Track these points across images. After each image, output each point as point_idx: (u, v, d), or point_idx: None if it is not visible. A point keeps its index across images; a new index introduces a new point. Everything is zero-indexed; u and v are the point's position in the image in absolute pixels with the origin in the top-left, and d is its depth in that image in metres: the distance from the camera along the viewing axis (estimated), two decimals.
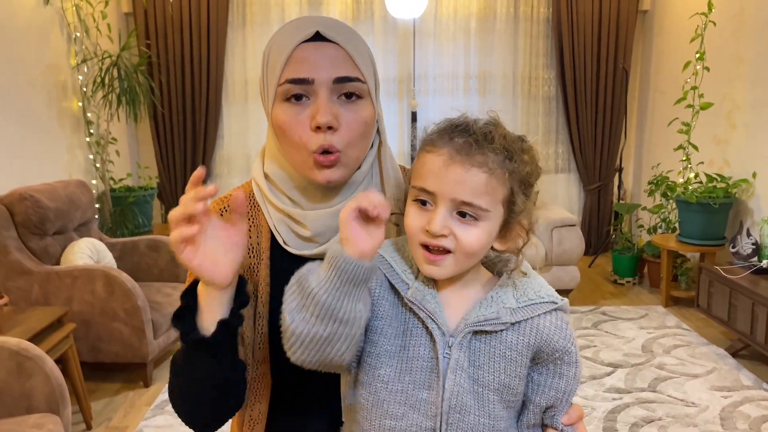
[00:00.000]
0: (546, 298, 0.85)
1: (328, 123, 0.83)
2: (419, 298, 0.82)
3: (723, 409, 2.66)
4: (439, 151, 0.78)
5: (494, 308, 0.82)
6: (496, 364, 0.82)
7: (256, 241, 0.94)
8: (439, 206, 0.78)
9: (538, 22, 4.98)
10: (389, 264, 0.85)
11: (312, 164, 0.86)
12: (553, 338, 0.83)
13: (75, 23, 3.97)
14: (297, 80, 0.83)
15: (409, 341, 0.82)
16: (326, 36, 0.85)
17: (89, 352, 2.86)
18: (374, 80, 0.90)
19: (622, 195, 5.11)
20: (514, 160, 0.78)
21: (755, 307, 2.92)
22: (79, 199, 3.20)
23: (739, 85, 3.78)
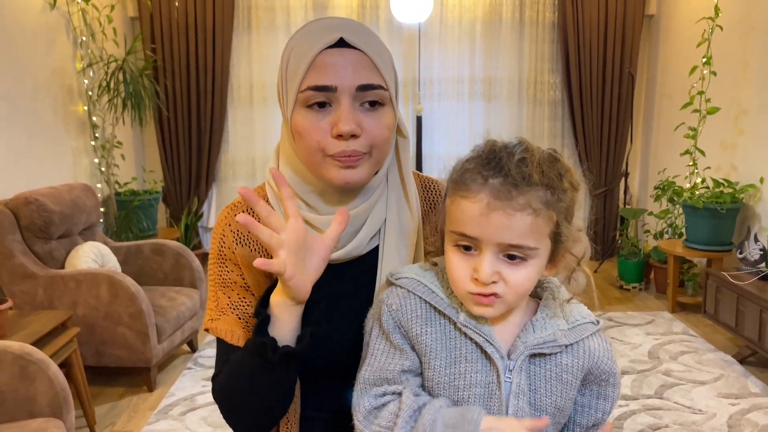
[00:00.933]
0: (588, 319, 0.84)
1: (351, 131, 0.81)
2: (473, 322, 0.79)
3: (731, 416, 2.63)
4: (476, 197, 0.74)
5: (549, 330, 0.80)
6: (552, 387, 0.80)
7: None
8: (485, 252, 0.75)
9: (543, 27, 4.97)
10: (430, 289, 0.82)
11: (330, 165, 0.85)
12: (603, 360, 0.83)
13: (81, 27, 3.98)
14: (320, 87, 0.82)
15: (464, 368, 0.79)
16: (350, 42, 0.83)
17: (93, 356, 2.86)
18: (395, 85, 0.89)
19: (628, 200, 5.08)
20: (556, 193, 0.75)
21: (763, 313, 2.89)
22: (84, 203, 3.20)
23: (746, 90, 3.76)
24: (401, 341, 0.81)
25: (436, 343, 0.79)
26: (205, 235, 5.20)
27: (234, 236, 0.93)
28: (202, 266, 3.45)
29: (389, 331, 0.81)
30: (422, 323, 0.80)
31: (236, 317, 0.92)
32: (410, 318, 0.80)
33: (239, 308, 0.92)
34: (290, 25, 4.89)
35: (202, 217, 5.07)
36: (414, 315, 0.80)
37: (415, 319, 0.80)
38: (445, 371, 0.79)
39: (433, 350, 0.79)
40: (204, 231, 5.19)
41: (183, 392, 2.91)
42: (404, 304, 0.81)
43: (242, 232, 0.93)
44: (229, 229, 0.94)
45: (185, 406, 2.77)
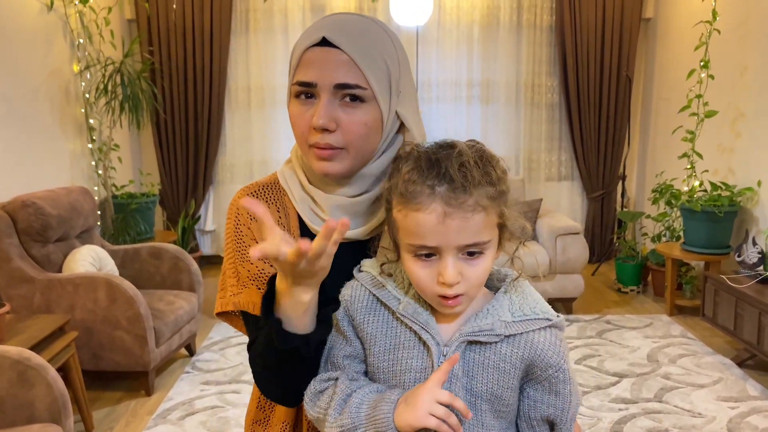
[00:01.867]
0: (541, 315, 0.86)
1: (322, 126, 0.87)
2: (410, 311, 0.85)
3: (730, 420, 2.64)
4: (428, 208, 0.77)
5: (489, 320, 0.84)
6: (488, 374, 0.84)
7: (286, 221, 0.99)
8: (446, 256, 0.79)
9: (541, 30, 4.98)
10: (378, 281, 0.88)
11: (312, 156, 0.91)
12: (547, 353, 0.84)
13: (78, 30, 3.97)
14: (303, 83, 0.89)
15: (401, 355, 0.85)
16: (332, 41, 0.88)
17: (90, 360, 2.84)
18: (387, 82, 0.91)
19: (625, 203, 5.09)
20: (496, 185, 0.80)
21: (762, 316, 2.90)
22: (82, 206, 3.19)
23: (743, 94, 3.77)
24: (347, 328, 0.88)
25: (377, 331, 0.86)
26: (202, 238, 5.18)
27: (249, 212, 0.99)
28: (200, 270, 3.43)
29: (339, 318, 0.89)
30: (365, 312, 0.87)
31: (256, 288, 0.96)
32: (356, 308, 0.88)
33: (259, 279, 0.96)
34: (288, 28, 4.88)
35: (199, 220, 5.05)
36: (360, 305, 0.87)
37: (360, 308, 0.87)
38: (384, 357, 0.86)
39: (373, 338, 0.86)
40: (201, 234, 5.17)
41: (181, 396, 2.89)
42: (354, 295, 0.89)
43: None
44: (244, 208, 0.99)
45: (184, 411, 2.76)
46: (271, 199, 1.00)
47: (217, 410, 2.76)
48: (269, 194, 1.01)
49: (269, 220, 0.77)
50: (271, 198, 1.00)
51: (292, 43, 4.90)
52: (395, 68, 0.92)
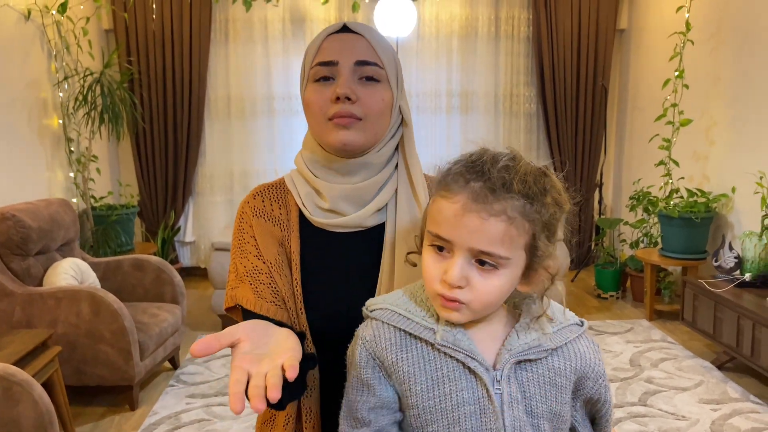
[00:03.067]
0: (572, 321, 0.84)
1: (346, 93, 0.94)
2: (450, 339, 0.78)
3: (713, 422, 2.69)
4: (454, 197, 0.75)
5: (534, 335, 0.80)
6: (546, 392, 0.79)
7: (285, 216, 1.04)
8: (456, 255, 0.75)
9: (518, 41, 5.06)
10: (404, 317, 0.81)
11: (331, 127, 0.96)
12: (594, 361, 0.83)
13: (56, 40, 3.92)
14: (324, 62, 0.96)
15: (448, 388, 0.78)
16: (352, 28, 0.98)
17: (73, 375, 2.78)
18: (395, 72, 1.00)
19: (602, 210, 5.18)
20: (536, 205, 0.74)
21: (740, 320, 2.97)
22: (62, 218, 3.14)
23: (717, 103, 3.88)
24: (371, 375, 0.80)
25: (414, 367, 0.78)
26: (182, 250, 5.13)
27: (252, 210, 1.05)
28: (183, 281, 3.40)
29: (361, 365, 0.81)
30: (397, 350, 0.79)
31: (249, 284, 0.98)
32: (384, 347, 0.80)
33: (252, 275, 0.99)
34: (268, 39, 4.88)
35: (179, 232, 5.00)
36: (388, 343, 0.80)
37: (390, 347, 0.79)
38: (428, 395, 0.78)
39: (411, 376, 0.78)
40: (181, 246, 5.12)
41: (166, 410, 2.85)
42: (378, 334, 0.81)
43: (258, 207, 1.05)
44: (248, 206, 1.06)
45: (170, 425, 2.72)
46: (275, 196, 1.06)
47: (204, 423, 2.73)
48: (273, 193, 1.07)
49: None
50: (275, 196, 1.06)
51: (272, 53, 4.90)
52: (399, 66, 1.03)
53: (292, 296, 0.99)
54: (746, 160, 3.57)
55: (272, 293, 0.97)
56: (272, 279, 0.97)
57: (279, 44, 4.90)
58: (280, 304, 0.96)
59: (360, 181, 1.00)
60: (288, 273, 1.00)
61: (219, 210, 5.09)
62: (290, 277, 1.00)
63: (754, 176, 3.39)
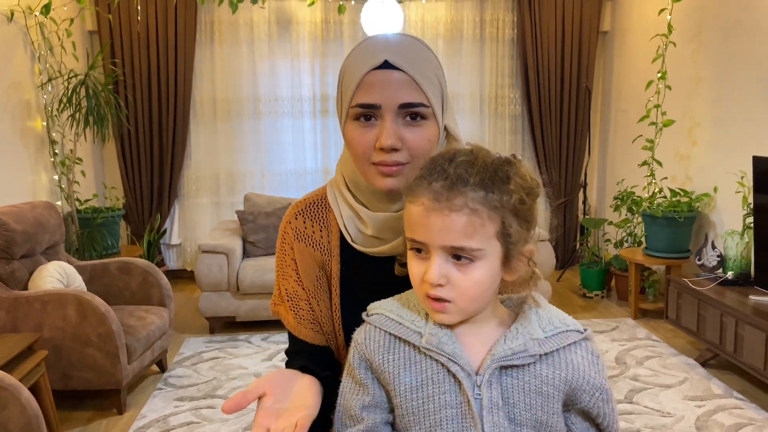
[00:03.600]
0: (571, 326, 0.83)
1: (391, 145, 0.90)
2: (435, 342, 0.79)
3: (698, 418, 2.73)
4: (418, 200, 0.77)
5: (520, 340, 0.79)
6: (531, 400, 0.78)
7: (327, 239, 1.04)
8: (433, 255, 0.77)
9: (503, 43, 5.10)
10: (395, 321, 0.84)
11: (375, 172, 0.93)
12: (590, 374, 0.80)
13: (39, 41, 3.88)
14: (366, 105, 0.91)
15: (431, 391, 0.79)
16: (394, 64, 0.90)
17: (60, 380, 2.76)
18: (441, 99, 0.95)
19: (587, 210, 5.23)
20: (497, 194, 0.76)
21: (723, 317, 3.01)
22: (47, 221, 3.11)
23: (699, 104, 3.94)
24: (364, 375, 0.83)
25: (399, 368, 0.80)
26: (168, 252, 5.10)
27: (294, 233, 1.06)
28: (170, 284, 3.38)
29: (354, 365, 0.84)
30: (384, 352, 0.82)
31: (290, 307, 1.05)
32: (373, 349, 0.83)
33: (293, 300, 1.05)
34: (253, 40, 4.87)
35: (164, 234, 4.97)
36: (376, 346, 0.83)
37: (377, 349, 0.82)
38: (412, 395, 0.79)
39: (396, 377, 0.80)
40: (167, 248, 5.09)
41: (155, 414, 2.84)
42: (368, 337, 0.84)
43: (300, 229, 1.05)
44: (290, 226, 1.06)
45: (158, 428, 2.71)
46: (315, 216, 1.06)
47: (193, 426, 2.72)
48: (314, 212, 1.06)
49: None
50: (316, 216, 1.06)
51: (257, 55, 4.89)
52: (444, 85, 0.96)
53: (330, 320, 1.04)
54: (728, 160, 3.63)
55: (310, 319, 1.04)
56: (310, 305, 1.04)
57: (265, 46, 4.89)
58: (317, 329, 1.04)
59: (400, 208, 0.97)
60: (326, 298, 1.04)
61: (205, 212, 5.07)
62: (329, 301, 1.04)
63: (735, 176, 3.44)
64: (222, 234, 4.12)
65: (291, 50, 4.91)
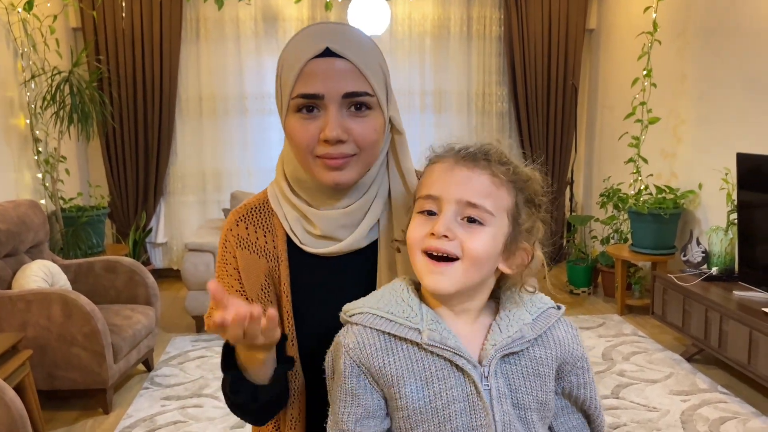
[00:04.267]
0: (549, 304, 0.86)
1: (337, 137, 0.86)
2: (437, 338, 0.78)
3: (683, 412, 2.75)
4: (444, 160, 0.82)
5: (515, 327, 0.81)
6: (531, 383, 0.80)
7: (272, 245, 0.98)
8: (445, 210, 0.78)
9: (490, 41, 5.11)
10: (387, 319, 0.80)
11: (320, 166, 0.89)
12: (573, 346, 0.84)
13: (22, 38, 3.83)
14: (308, 95, 0.86)
15: (438, 387, 0.77)
16: (336, 51, 0.86)
17: (45, 380, 2.73)
18: (385, 89, 0.92)
19: (573, 207, 5.26)
20: (517, 174, 0.81)
21: (708, 312, 3.04)
22: (31, 220, 3.08)
23: (683, 101, 3.97)
24: (355, 384, 0.79)
25: (402, 370, 0.78)
26: (153, 251, 5.06)
27: (236, 240, 0.99)
28: (156, 283, 3.35)
29: (346, 374, 0.80)
30: (383, 354, 0.78)
31: None
32: (370, 353, 0.78)
33: None
34: (239, 37, 4.84)
35: (150, 233, 4.93)
36: (373, 348, 0.78)
37: (375, 352, 0.78)
38: (418, 395, 0.77)
39: (400, 378, 0.78)
40: (153, 247, 5.05)
41: (141, 413, 2.82)
42: (360, 340, 0.79)
43: (243, 236, 0.98)
44: (232, 234, 0.99)
45: (145, 428, 2.69)
46: (258, 221, 0.99)
47: (180, 425, 2.70)
48: (257, 216, 0.99)
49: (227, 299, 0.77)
50: (259, 221, 0.99)
51: (244, 52, 4.86)
52: (386, 73, 0.93)
53: (281, 329, 0.96)
54: (712, 157, 3.66)
55: None
56: None
57: (251, 43, 4.86)
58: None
59: (350, 203, 0.94)
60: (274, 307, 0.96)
61: (191, 210, 5.04)
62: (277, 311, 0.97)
63: (719, 173, 3.47)
64: (208, 232, 4.10)
65: (277, 47, 4.89)
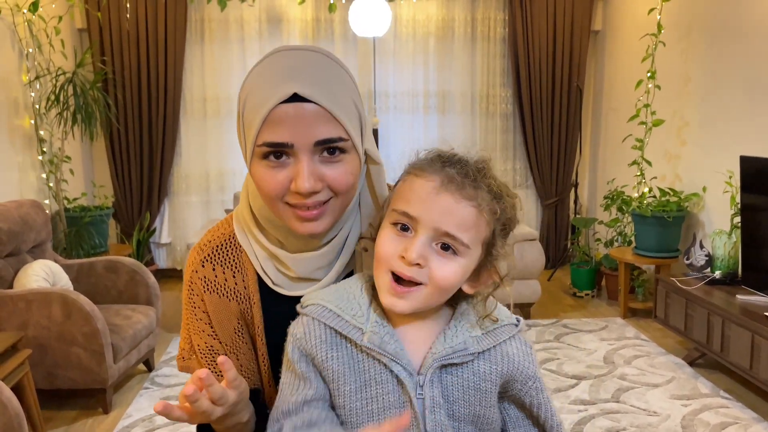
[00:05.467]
0: (506, 321, 0.83)
1: (311, 189, 0.79)
2: (377, 342, 0.76)
3: (684, 417, 2.73)
4: (430, 177, 0.76)
5: (460, 338, 0.79)
6: (469, 396, 0.79)
7: (242, 285, 0.92)
8: (420, 234, 0.74)
9: (494, 42, 5.10)
10: (335, 313, 0.79)
11: (292, 217, 0.82)
12: (524, 365, 0.81)
13: (27, 39, 3.86)
14: (276, 144, 0.78)
15: (374, 392, 0.77)
16: (305, 96, 0.77)
17: (45, 379, 2.74)
18: (359, 125, 0.84)
19: (578, 210, 5.23)
20: (502, 202, 0.77)
21: (710, 316, 3.02)
22: (34, 219, 3.09)
23: (688, 103, 3.94)
24: (306, 369, 0.79)
25: (344, 367, 0.77)
26: (157, 251, 5.08)
27: (203, 283, 0.93)
28: (157, 283, 3.36)
29: (294, 360, 0.79)
30: (327, 348, 0.78)
31: (205, 363, 0.95)
32: (314, 344, 0.78)
33: (207, 355, 0.94)
34: (244, 39, 4.86)
35: (154, 233, 4.95)
36: (318, 341, 0.78)
37: (320, 344, 0.78)
38: (355, 396, 0.77)
39: (341, 375, 0.77)
40: (156, 247, 5.07)
41: (141, 413, 2.82)
42: (308, 331, 0.79)
43: (210, 279, 0.93)
44: (197, 276, 0.94)
45: (144, 427, 2.69)
46: (226, 261, 0.93)
47: (179, 426, 2.70)
48: (223, 256, 0.93)
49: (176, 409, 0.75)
50: (226, 260, 0.93)
51: (248, 53, 4.87)
52: (360, 107, 0.85)
53: (255, 372, 0.95)
54: (716, 160, 3.63)
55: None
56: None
57: (255, 44, 4.87)
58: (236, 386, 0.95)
59: (326, 244, 0.88)
60: (248, 350, 0.94)
61: (195, 211, 5.05)
62: (251, 353, 0.94)
63: (723, 175, 3.45)
64: None
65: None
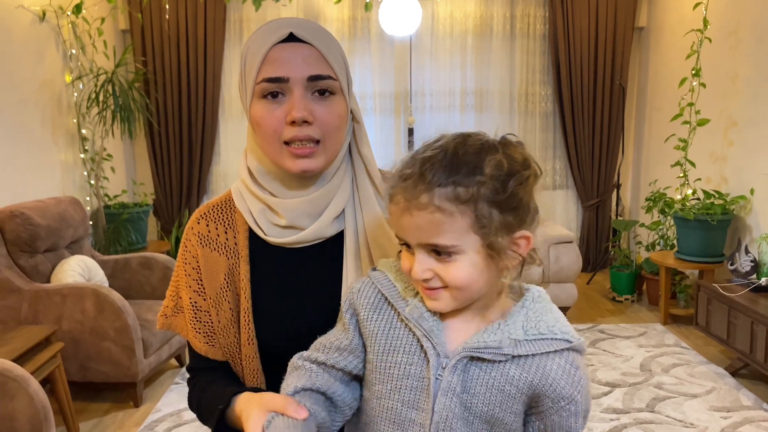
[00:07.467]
0: (559, 335, 0.78)
1: (303, 118, 0.88)
2: (416, 316, 0.80)
3: (722, 430, 2.61)
4: (394, 199, 0.77)
5: (498, 336, 0.77)
6: (491, 395, 0.77)
7: (233, 241, 0.99)
8: (416, 251, 0.77)
9: (534, 39, 4.99)
10: (392, 283, 0.85)
11: (287, 154, 0.91)
12: (559, 383, 0.76)
13: (71, 40, 3.98)
14: (273, 79, 0.88)
15: (400, 358, 0.80)
16: (299, 37, 0.89)
17: (78, 372, 2.82)
18: (346, 77, 0.94)
19: (620, 211, 5.08)
20: (465, 185, 0.71)
21: (754, 325, 2.88)
22: (72, 216, 3.18)
23: (735, 102, 3.77)
24: (349, 320, 0.85)
25: (379, 330, 0.82)
26: None
27: (197, 238, 1.01)
28: None
29: (344, 310, 0.86)
30: (370, 309, 0.83)
31: (189, 319, 1.01)
32: (362, 303, 0.84)
33: (192, 311, 1.00)
34: None
35: None
36: (366, 301, 0.84)
37: (366, 304, 0.84)
38: (382, 357, 0.82)
39: (374, 335, 0.82)
40: None
41: (169, 408, 2.87)
42: (362, 289, 0.85)
43: (204, 234, 1.01)
44: (193, 232, 1.02)
45: (172, 422, 2.74)
46: (220, 218, 1.01)
47: None
48: (218, 214, 1.02)
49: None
50: (220, 218, 1.01)
51: None
52: (347, 66, 0.96)
53: (237, 329, 0.98)
54: (765, 161, 3.46)
55: (207, 333, 0.99)
56: (210, 317, 0.99)
57: None
58: (215, 344, 1.00)
59: (315, 191, 0.96)
60: (228, 309, 0.98)
61: None
62: (235, 310, 0.98)
63: None
64: None
65: None
